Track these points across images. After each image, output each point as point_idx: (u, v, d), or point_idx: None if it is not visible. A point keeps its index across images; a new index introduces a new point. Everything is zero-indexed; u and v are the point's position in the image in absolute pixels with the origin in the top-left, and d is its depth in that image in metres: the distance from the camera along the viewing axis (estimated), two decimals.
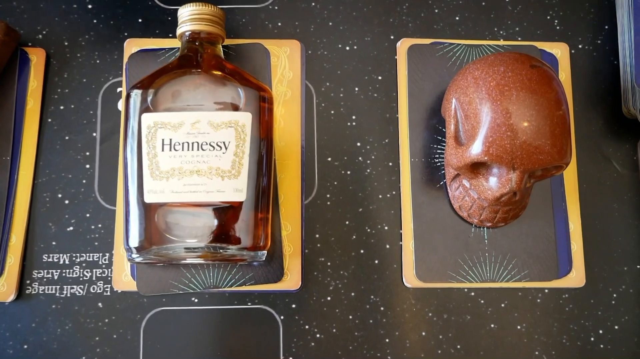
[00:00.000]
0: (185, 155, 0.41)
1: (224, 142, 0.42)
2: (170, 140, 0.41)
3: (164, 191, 0.41)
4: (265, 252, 0.43)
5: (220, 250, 0.41)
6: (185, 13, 0.44)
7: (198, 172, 0.41)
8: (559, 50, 0.51)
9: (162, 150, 0.41)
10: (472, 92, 0.42)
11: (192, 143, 0.41)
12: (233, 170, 0.41)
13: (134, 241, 0.41)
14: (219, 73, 0.43)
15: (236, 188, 0.41)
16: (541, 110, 0.40)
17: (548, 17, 0.52)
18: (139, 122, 0.42)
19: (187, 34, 0.44)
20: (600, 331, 0.47)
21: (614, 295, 0.48)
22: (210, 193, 0.41)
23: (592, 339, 0.47)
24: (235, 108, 0.42)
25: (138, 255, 0.42)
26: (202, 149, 0.41)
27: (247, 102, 0.42)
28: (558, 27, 0.52)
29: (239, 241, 0.41)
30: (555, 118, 0.40)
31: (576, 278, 0.48)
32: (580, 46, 0.52)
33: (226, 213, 0.41)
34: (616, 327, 0.47)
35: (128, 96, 0.42)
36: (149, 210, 0.41)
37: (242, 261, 0.44)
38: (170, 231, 0.41)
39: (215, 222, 0.41)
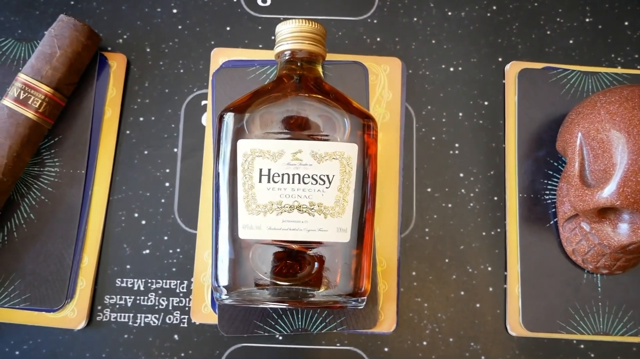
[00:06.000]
0: (285, 188, 0.37)
1: (327, 176, 0.37)
2: (269, 170, 0.37)
3: (261, 228, 0.37)
4: (365, 298, 0.39)
5: (323, 296, 0.37)
6: (285, 30, 0.40)
7: (299, 207, 0.37)
8: None
9: (260, 181, 0.37)
10: (606, 128, 0.38)
11: (293, 175, 0.37)
12: (337, 207, 0.37)
13: (224, 280, 0.37)
14: (322, 98, 0.38)
15: (340, 228, 0.37)
16: None
17: None
18: (233, 149, 0.37)
19: (287, 53, 0.40)
20: None
21: None
22: (312, 231, 0.37)
23: None
24: (340, 137, 0.38)
25: (228, 296, 0.37)
26: (304, 182, 0.37)
27: (352, 131, 0.38)
28: None
29: (339, 286, 0.37)
30: None
31: None
32: None
33: (326, 254, 0.37)
34: None
35: (221, 118, 0.38)
36: (241, 246, 0.37)
37: (339, 308, 0.39)
38: (263, 270, 0.37)
39: (314, 264, 0.37)
